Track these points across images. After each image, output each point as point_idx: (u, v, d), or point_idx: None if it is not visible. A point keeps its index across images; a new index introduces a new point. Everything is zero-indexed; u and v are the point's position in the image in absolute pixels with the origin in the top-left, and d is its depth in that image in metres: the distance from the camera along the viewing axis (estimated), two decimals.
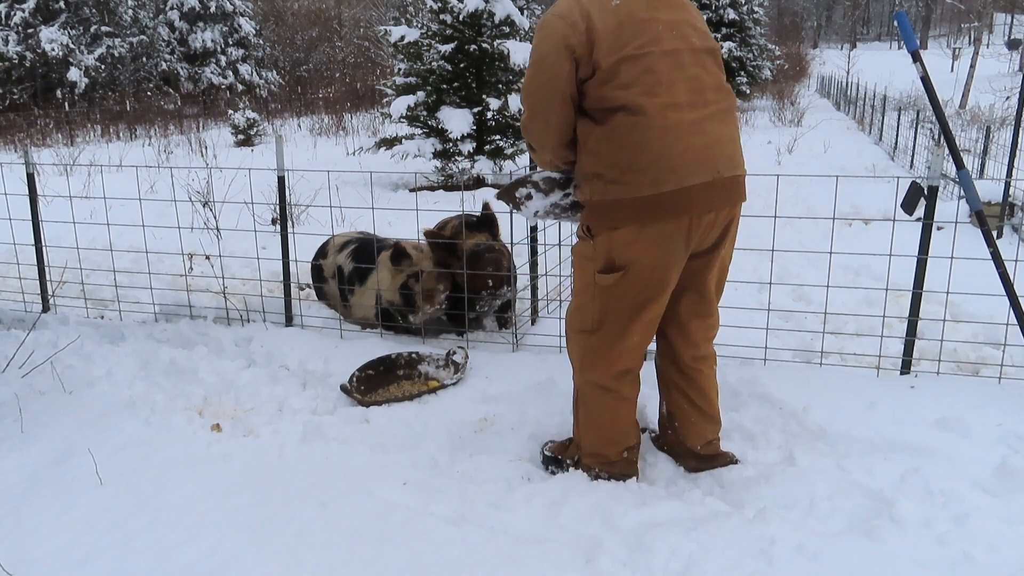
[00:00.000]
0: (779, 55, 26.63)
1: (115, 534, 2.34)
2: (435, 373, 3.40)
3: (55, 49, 22.32)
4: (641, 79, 2.22)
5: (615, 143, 2.24)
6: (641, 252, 2.28)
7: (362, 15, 36.05)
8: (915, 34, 3.11)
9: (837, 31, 70.03)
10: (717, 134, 2.30)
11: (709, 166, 2.25)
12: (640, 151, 2.21)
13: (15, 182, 4.94)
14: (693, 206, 2.25)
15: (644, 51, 2.23)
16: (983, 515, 2.28)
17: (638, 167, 2.21)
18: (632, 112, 2.21)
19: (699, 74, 2.30)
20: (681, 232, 2.27)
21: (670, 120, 2.22)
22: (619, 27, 2.24)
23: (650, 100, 2.21)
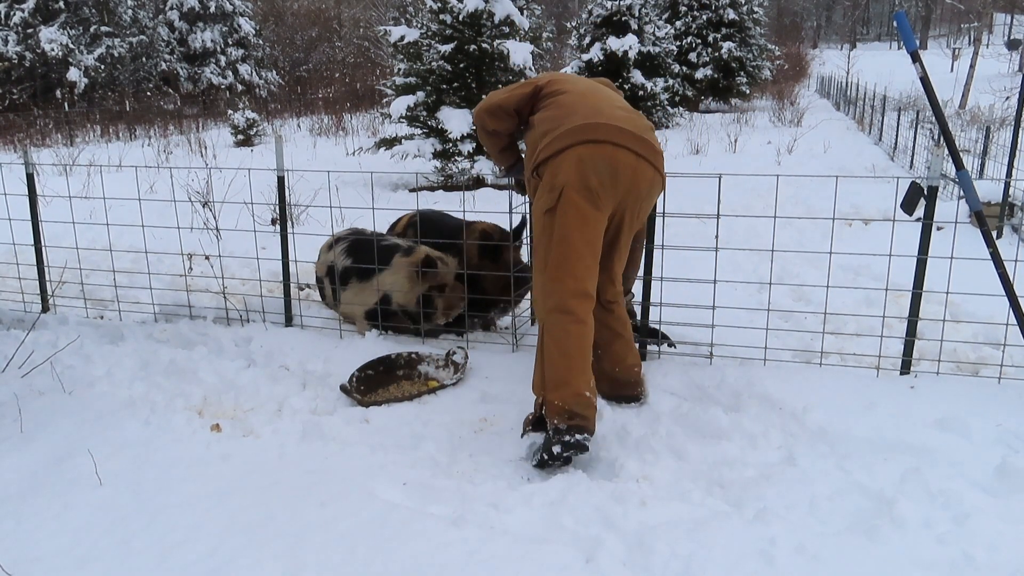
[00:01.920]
0: (779, 55, 26.63)
1: (115, 534, 2.34)
2: (435, 373, 3.40)
3: (55, 49, 22.31)
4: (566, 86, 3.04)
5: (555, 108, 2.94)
6: (572, 170, 2.74)
7: (362, 15, 36.04)
8: (915, 34, 3.11)
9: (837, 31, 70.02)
10: (635, 118, 2.92)
11: (627, 124, 2.83)
12: (573, 109, 2.88)
13: (15, 182, 4.93)
14: (616, 136, 2.77)
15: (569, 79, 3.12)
16: (983, 515, 2.28)
17: (570, 116, 2.85)
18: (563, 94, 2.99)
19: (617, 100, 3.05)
20: (606, 158, 2.75)
21: (590, 99, 2.96)
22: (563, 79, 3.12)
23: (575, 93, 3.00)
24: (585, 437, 2.66)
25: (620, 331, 3.09)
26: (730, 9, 22.46)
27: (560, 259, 2.76)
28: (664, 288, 3.57)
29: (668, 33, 20.42)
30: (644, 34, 17.74)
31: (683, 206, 5.84)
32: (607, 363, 3.08)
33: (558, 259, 2.76)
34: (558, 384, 2.69)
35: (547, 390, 2.71)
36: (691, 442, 2.81)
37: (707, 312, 3.49)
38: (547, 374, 2.73)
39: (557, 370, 2.71)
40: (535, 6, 11.04)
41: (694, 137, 14.01)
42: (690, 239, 5.29)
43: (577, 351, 2.73)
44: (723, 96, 23.03)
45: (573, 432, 2.63)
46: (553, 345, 2.74)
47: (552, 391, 2.69)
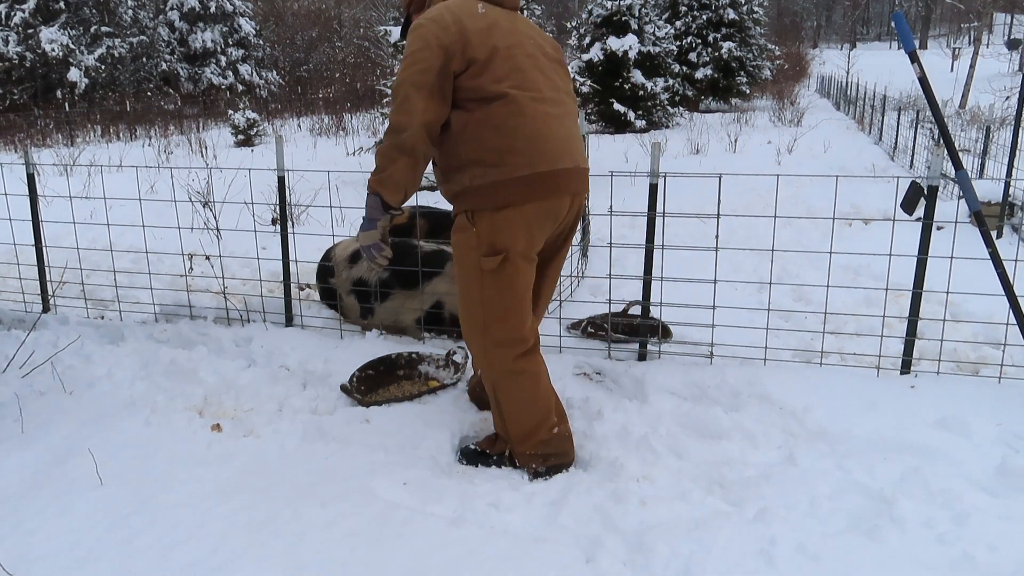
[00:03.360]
0: (779, 55, 26.63)
1: (115, 534, 2.34)
2: (435, 373, 3.40)
3: (55, 49, 22.33)
4: (512, 74, 2.46)
5: (493, 128, 2.43)
6: (519, 232, 2.48)
7: (362, 15, 36.04)
8: (914, 34, 3.11)
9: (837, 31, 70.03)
10: (572, 130, 2.61)
11: (568, 155, 2.53)
12: (516, 136, 2.43)
13: (15, 182, 4.94)
14: (561, 187, 2.50)
15: (511, 51, 2.49)
16: (983, 515, 2.28)
17: (515, 150, 2.42)
18: (506, 102, 2.43)
19: (554, 78, 2.60)
20: (551, 212, 2.51)
21: (538, 111, 2.47)
22: (488, 28, 2.48)
23: (521, 92, 2.45)
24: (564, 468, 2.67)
25: None
26: (730, 9, 22.47)
27: (505, 319, 2.55)
28: (664, 288, 3.57)
29: (668, 33, 20.42)
30: (644, 34, 17.74)
31: (683, 206, 5.85)
32: None
33: (504, 320, 2.55)
34: (525, 436, 2.65)
35: (515, 441, 2.67)
36: (691, 442, 2.82)
37: (707, 312, 3.49)
38: (511, 432, 2.66)
39: (520, 425, 2.64)
40: (535, 6, 11.03)
41: (694, 137, 14.02)
42: (690, 239, 5.29)
43: (533, 400, 2.63)
44: (723, 96, 23.04)
45: (551, 471, 2.66)
46: (510, 404, 2.63)
47: (521, 443, 2.66)
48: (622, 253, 5.42)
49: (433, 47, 2.39)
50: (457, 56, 2.40)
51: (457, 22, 2.43)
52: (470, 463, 2.74)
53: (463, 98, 2.45)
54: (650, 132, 16.83)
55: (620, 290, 4.30)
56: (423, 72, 2.39)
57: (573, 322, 4.00)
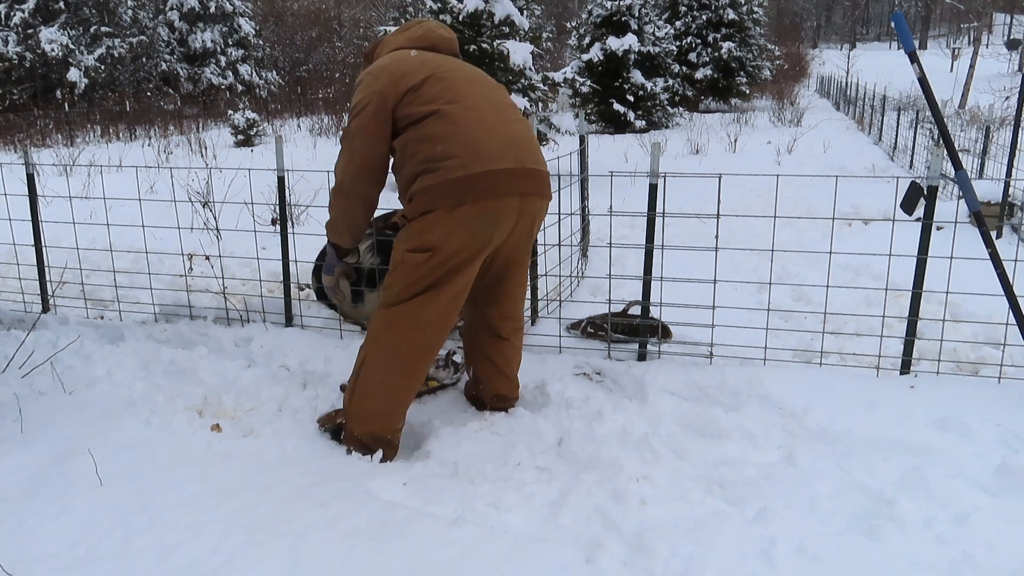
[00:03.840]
0: (779, 55, 26.65)
1: (115, 534, 2.34)
2: (434, 373, 3.40)
3: (55, 49, 22.32)
4: (444, 93, 2.58)
5: (428, 141, 2.53)
6: (449, 234, 2.51)
7: (362, 15, 36.05)
8: (914, 34, 3.11)
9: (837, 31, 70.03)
10: (518, 131, 2.64)
11: (511, 155, 2.55)
12: (448, 143, 2.50)
13: (15, 182, 4.94)
14: (498, 188, 2.51)
15: (444, 75, 2.63)
16: (983, 515, 2.28)
17: (448, 155, 2.49)
18: (439, 116, 2.54)
19: (497, 97, 2.70)
20: (488, 215, 2.51)
21: (472, 118, 2.55)
22: (420, 64, 2.66)
23: (453, 106, 2.55)
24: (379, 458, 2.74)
25: (504, 368, 2.99)
26: (730, 9, 22.48)
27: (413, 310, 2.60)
28: (664, 288, 3.57)
29: (668, 33, 20.43)
30: (644, 34, 17.75)
31: (683, 206, 5.85)
32: (486, 395, 3.07)
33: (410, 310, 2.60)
34: (365, 421, 2.72)
35: (351, 420, 2.73)
36: (691, 442, 2.82)
37: (707, 312, 3.49)
38: (353, 408, 2.71)
39: (362, 411, 2.70)
40: (535, 6, 11.03)
41: (694, 137, 14.02)
42: (690, 239, 5.30)
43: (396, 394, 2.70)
44: (723, 96, 23.04)
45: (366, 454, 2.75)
46: (370, 381, 2.68)
47: (357, 424, 2.73)
48: (622, 253, 5.42)
49: (368, 95, 2.61)
50: (391, 95, 2.59)
51: (387, 68, 2.65)
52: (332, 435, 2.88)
53: (403, 126, 2.60)
54: (650, 132, 16.83)
55: (620, 290, 4.30)
56: (359, 117, 2.63)
57: (573, 322, 4.00)
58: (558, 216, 4.08)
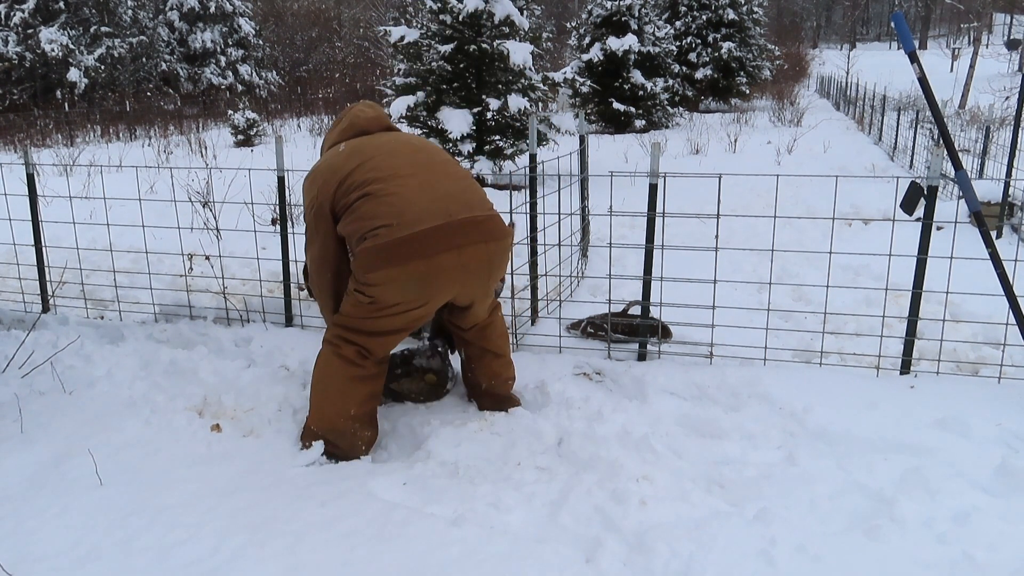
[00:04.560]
0: (779, 55, 26.64)
1: (115, 534, 2.34)
2: (428, 363, 3.35)
3: (55, 49, 22.32)
4: (369, 175, 2.72)
5: (361, 219, 2.66)
6: (383, 292, 2.64)
7: (362, 15, 36.04)
8: (914, 34, 3.12)
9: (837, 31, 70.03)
10: (448, 187, 2.74)
11: (440, 212, 2.64)
12: (378, 216, 2.63)
13: (15, 182, 4.94)
14: (428, 248, 2.59)
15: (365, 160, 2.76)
16: (983, 515, 2.28)
17: (378, 225, 2.62)
18: (368, 197, 2.67)
19: (422, 160, 2.81)
20: (419, 276, 2.61)
21: (396, 186, 2.67)
22: (346, 160, 2.80)
23: (379, 184, 2.68)
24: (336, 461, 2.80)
25: (493, 348, 3.07)
26: (730, 9, 22.47)
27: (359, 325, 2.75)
28: (664, 288, 3.57)
29: (668, 33, 20.43)
30: (644, 34, 17.75)
31: (683, 206, 5.85)
32: (483, 378, 3.10)
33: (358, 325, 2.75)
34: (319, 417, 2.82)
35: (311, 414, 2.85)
36: (691, 442, 2.82)
37: (707, 312, 3.49)
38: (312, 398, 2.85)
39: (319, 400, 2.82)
40: (535, 6, 11.03)
41: (694, 137, 14.02)
42: (690, 239, 5.30)
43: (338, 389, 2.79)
44: (723, 96, 23.04)
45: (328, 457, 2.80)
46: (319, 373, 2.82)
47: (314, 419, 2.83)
48: (622, 253, 5.42)
49: (310, 201, 2.86)
50: (326, 197, 2.77)
51: (320, 171, 2.85)
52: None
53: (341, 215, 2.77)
54: (650, 132, 16.83)
55: (620, 290, 4.30)
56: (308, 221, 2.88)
57: (573, 322, 3.99)
58: (558, 216, 4.08)
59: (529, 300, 4.18)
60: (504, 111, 9.24)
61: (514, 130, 9.68)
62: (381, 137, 2.93)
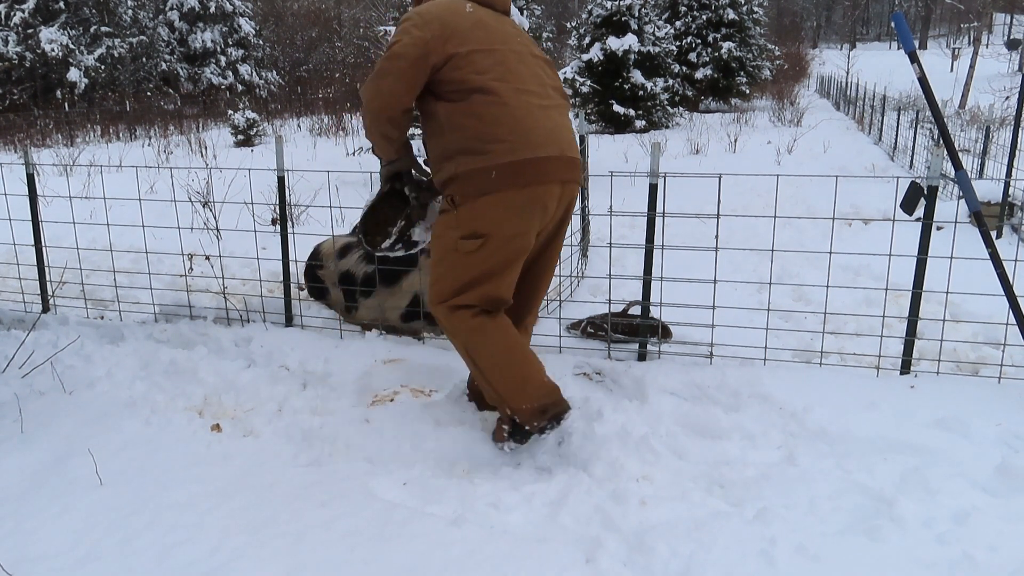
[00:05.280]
0: (779, 55, 26.65)
1: (115, 534, 2.34)
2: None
3: (55, 49, 22.32)
4: (494, 68, 2.53)
5: (476, 117, 2.49)
6: (501, 219, 2.52)
7: (362, 15, 36.01)
8: (914, 34, 3.12)
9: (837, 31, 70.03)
10: (560, 121, 2.64)
11: (554, 143, 2.56)
12: (498, 124, 2.49)
13: (15, 182, 4.94)
14: (545, 175, 2.52)
15: (494, 47, 2.57)
16: (983, 515, 2.28)
17: (497, 138, 2.48)
18: (488, 92, 2.50)
19: (540, 74, 2.66)
20: (536, 201, 2.54)
21: (521, 101, 2.53)
22: (472, 27, 2.56)
23: (503, 84, 2.52)
24: (563, 416, 2.73)
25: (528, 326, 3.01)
26: (730, 9, 22.48)
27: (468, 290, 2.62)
28: (664, 288, 3.57)
29: (668, 33, 20.44)
30: (644, 34, 17.75)
31: (683, 206, 5.85)
32: None
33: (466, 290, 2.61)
34: (516, 389, 2.67)
35: (508, 399, 2.69)
36: (691, 442, 2.82)
37: (707, 312, 3.49)
38: (499, 388, 2.68)
39: (508, 379, 2.67)
40: (535, 6, 11.03)
41: (694, 137, 14.02)
42: (690, 239, 5.29)
43: (508, 349, 2.67)
44: (723, 96, 23.05)
45: (553, 421, 2.71)
46: (487, 360, 2.67)
47: (514, 397, 2.68)
48: (622, 253, 5.42)
49: (412, 40, 2.48)
50: (436, 51, 2.49)
51: (440, 18, 2.53)
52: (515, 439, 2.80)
53: (447, 90, 2.53)
54: (650, 132, 16.83)
55: (620, 290, 4.30)
56: (396, 60, 2.49)
57: (573, 322, 4.00)
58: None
59: None
60: None
61: None
62: (505, 26, 2.67)
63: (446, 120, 2.54)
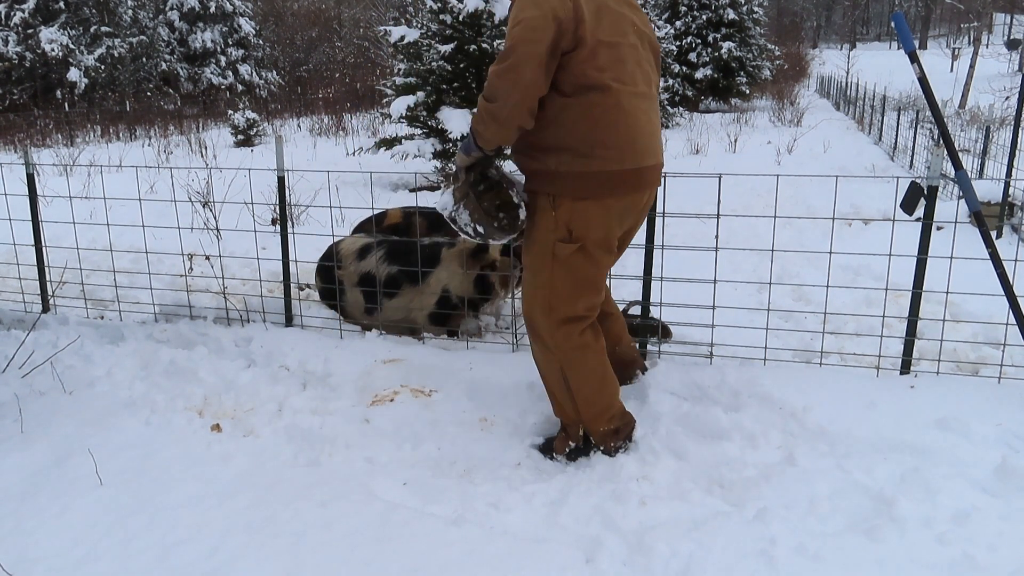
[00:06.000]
0: (779, 55, 26.64)
1: (115, 534, 2.34)
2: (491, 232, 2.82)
3: (55, 49, 22.31)
4: (614, 66, 2.44)
5: (590, 120, 2.43)
6: (599, 224, 2.52)
7: (362, 15, 36.04)
8: (915, 34, 3.12)
9: (837, 31, 70.05)
10: (657, 125, 2.65)
11: (652, 152, 2.58)
12: (610, 130, 2.44)
13: (15, 182, 4.94)
14: (644, 183, 2.57)
15: (616, 40, 2.46)
16: (983, 515, 2.28)
17: (606, 144, 2.45)
18: (605, 92, 2.42)
19: (648, 70, 2.61)
20: (633, 207, 2.59)
21: (633, 106, 2.48)
22: (597, 12, 2.43)
23: (620, 86, 2.45)
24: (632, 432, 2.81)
25: (609, 308, 3.08)
26: (730, 9, 22.47)
27: (569, 299, 2.60)
28: (664, 288, 3.57)
29: (668, 33, 20.43)
30: None
31: (683, 206, 5.85)
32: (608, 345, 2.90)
33: (567, 298, 2.59)
34: (599, 412, 2.71)
35: (588, 420, 2.72)
36: (691, 442, 2.82)
37: (707, 312, 3.49)
38: (583, 409, 2.70)
39: (593, 403, 2.70)
40: None
41: (694, 137, 14.02)
42: (690, 239, 5.29)
43: (601, 375, 2.71)
44: (723, 96, 23.04)
45: (626, 440, 2.77)
46: (580, 381, 2.67)
47: (595, 420, 2.72)
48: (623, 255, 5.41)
49: (548, 18, 2.29)
50: (569, 33, 2.34)
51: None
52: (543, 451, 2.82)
53: (565, 81, 2.40)
54: None
55: (620, 290, 4.30)
56: (536, 42, 2.29)
57: None
58: None
59: None
60: None
61: None
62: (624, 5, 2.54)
63: (557, 114, 2.44)
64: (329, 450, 2.84)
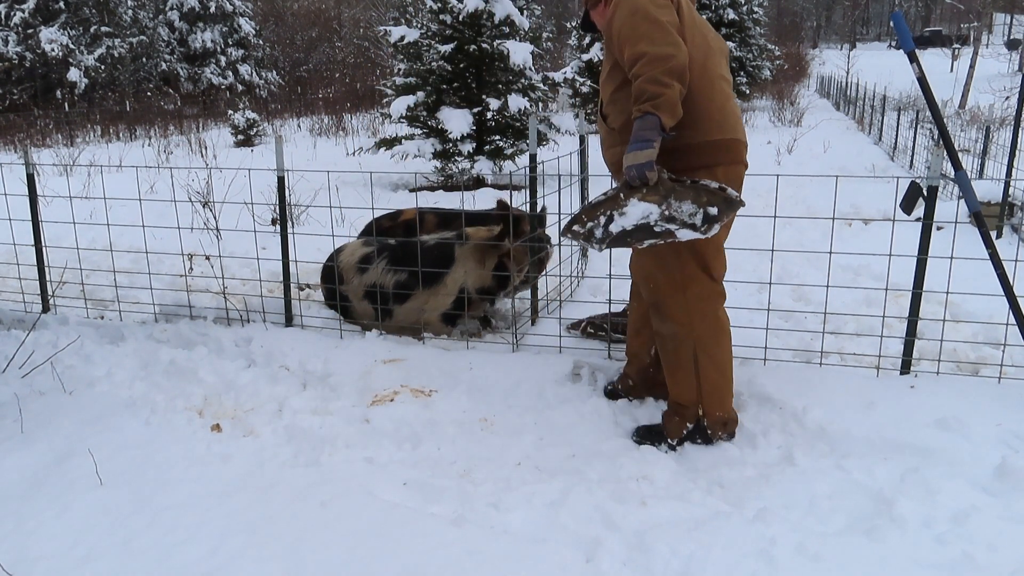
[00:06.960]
0: (779, 55, 26.62)
1: (115, 534, 2.34)
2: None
3: (55, 49, 22.31)
4: (702, 46, 2.63)
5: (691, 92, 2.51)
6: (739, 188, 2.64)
7: (362, 15, 36.05)
8: (914, 34, 3.12)
9: (837, 31, 70.03)
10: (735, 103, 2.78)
11: (740, 127, 2.72)
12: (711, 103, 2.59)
13: (15, 182, 4.94)
14: (739, 155, 2.69)
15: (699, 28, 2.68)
16: (983, 515, 2.28)
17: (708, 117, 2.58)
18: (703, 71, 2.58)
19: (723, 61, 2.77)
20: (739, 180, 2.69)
21: (720, 85, 2.66)
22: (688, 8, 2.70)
23: (707, 60, 2.62)
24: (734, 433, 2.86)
25: None
26: (730, 9, 22.44)
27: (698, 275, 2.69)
28: None
29: None
30: None
31: None
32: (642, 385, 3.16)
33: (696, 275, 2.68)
34: (721, 399, 2.79)
35: (709, 406, 2.78)
36: (691, 442, 2.82)
37: None
38: (707, 391, 2.76)
39: (718, 387, 2.78)
40: (535, 6, 11.05)
41: None
42: None
43: (730, 365, 2.81)
44: None
45: (729, 436, 2.84)
46: (710, 362, 2.74)
47: (715, 406, 2.79)
48: (622, 253, 5.41)
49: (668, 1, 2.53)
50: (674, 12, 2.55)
51: None
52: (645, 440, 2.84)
53: None
54: None
55: (620, 290, 4.29)
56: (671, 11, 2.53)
57: (573, 322, 3.99)
58: (558, 216, 4.08)
59: (529, 300, 4.18)
60: (504, 111, 9.24)
61: (514, 130, 9.68)
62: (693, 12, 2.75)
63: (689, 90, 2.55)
64: (329, 450, 2.84)
